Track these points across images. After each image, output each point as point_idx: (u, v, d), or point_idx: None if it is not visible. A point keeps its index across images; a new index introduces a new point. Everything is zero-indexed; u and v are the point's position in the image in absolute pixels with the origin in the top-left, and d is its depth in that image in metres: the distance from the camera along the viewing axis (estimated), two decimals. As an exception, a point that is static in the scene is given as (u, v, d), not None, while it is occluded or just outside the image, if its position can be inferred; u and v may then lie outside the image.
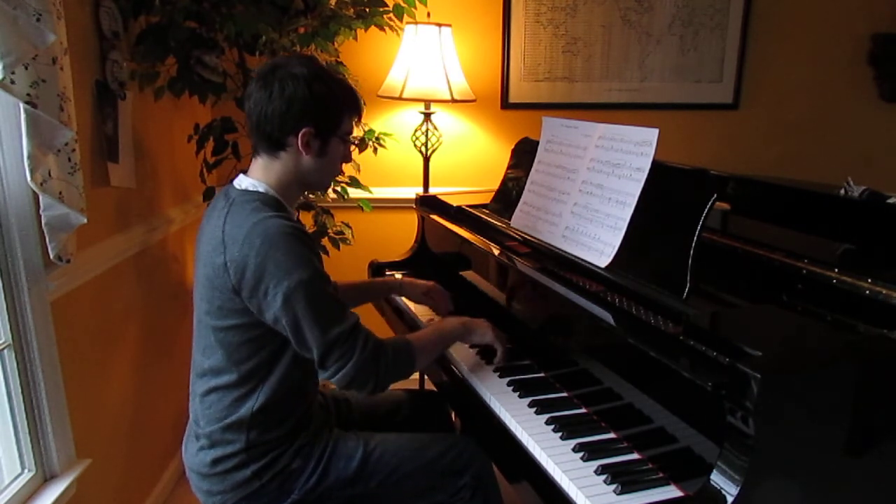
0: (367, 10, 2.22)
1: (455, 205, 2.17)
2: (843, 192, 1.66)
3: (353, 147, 1.54)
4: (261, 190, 1.39)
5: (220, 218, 1.36)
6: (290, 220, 1.34)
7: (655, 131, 1.46)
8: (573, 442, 1.28)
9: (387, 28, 2.32)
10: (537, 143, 1.87)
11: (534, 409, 1.40)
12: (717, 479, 1.01)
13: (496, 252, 1.79)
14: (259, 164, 1.42)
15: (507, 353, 1.59)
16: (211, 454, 1.41)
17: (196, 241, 1.48)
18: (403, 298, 2.04)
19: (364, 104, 2.25)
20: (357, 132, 2.36)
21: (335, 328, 1.31)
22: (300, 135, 1.36)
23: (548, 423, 1.35)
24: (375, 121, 2.80)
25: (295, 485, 1.41)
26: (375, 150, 2.45)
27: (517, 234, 1.80)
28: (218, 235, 1.34)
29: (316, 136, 1.38)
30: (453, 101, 2.55)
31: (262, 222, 1.30)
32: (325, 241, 2.41)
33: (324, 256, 2.37)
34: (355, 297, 1.87)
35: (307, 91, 1.33)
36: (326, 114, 1.38)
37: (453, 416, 1.94)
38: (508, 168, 2.08)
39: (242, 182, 1.42)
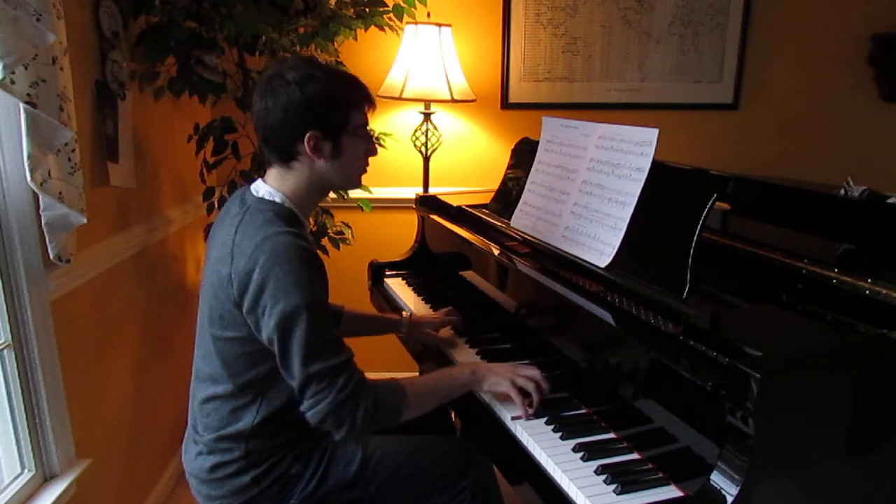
0: (367, 10, 2.23)
1: (455, 205, 2.17)
2: (843, 192, 1.66)
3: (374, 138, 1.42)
4: (277, 200, 1.35)
5: (233, 226, 1.32)
6: (302, 237, 1.30)
7: (655, 131, 1.46)
8: (573, 442, 1.28)
9: (387, 28, 2.33)
10: (537, 143, 1.87)
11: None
12: (717, 479, 1.01)
13: (496, 252, 1.79)
14: (274, 174, 1.38)
15: (538, 397, 1.39)
16: (210, 460, 1.40)
17: (207, 243, 1.46)
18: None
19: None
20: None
21: (319, 362, 1.25)
22: (306, 140, 1.31)
23: (547, 423, 1.35)
24: (375, 121, 2.80)
25: (294, 490, 1.40)
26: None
27: (517, 234, 1.80)
28: (228, 245, 1.31)
29: (324, 139, 1.33)
30: (453, 101, 2.55)
31: (272, 238, 1.26)
32: (325, 241, 2.41)
33: (323, 256, 2.39)
34: (361, 328, 1.82)
35: (301, 94, 1.28)
36: (328, 113, 1.32)
37: (453, 416, 1.94)
38: (508, 168, 2.08)
39: (260, 189, 1.38)
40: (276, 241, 1.26)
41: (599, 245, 1.51)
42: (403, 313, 1.89)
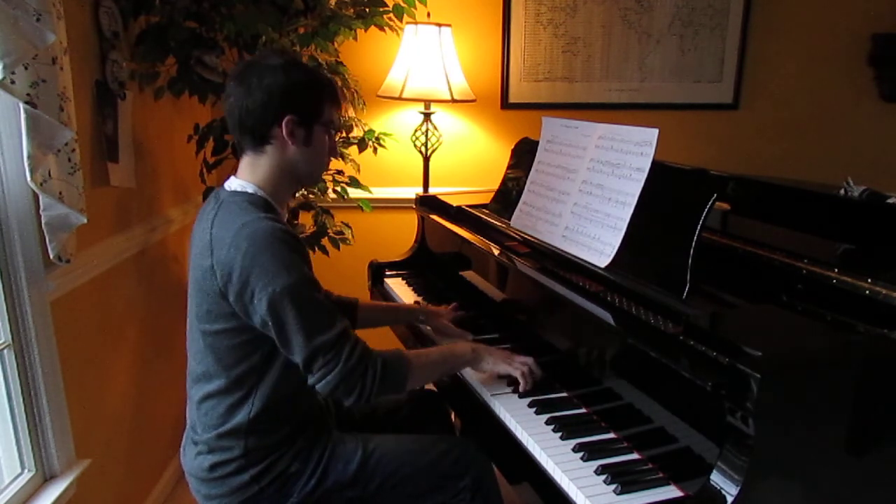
0: (367, 10, 2.22)
1: (455, 205, 2.17)
2: (843, 192, 1.66)
3: (339, 140, 1.51)
4: (249, 191, 1.38)
5: (209, 220, 1.35)
6: (279, 222, 1.32)
7: (655, 131, 1.46)
8: (573, 442, 1.28)
9: (387, 28, 2.32)
10: (537, 143, 1.87)
11: (533, 409, 1.40)
12: (717, 479, 1.01)
13: (496, 252, 1.79)
14: (246, 163, 1.41)
15: (530, 380, 1.48)
16: (209, 459, 1.40)
17: (190, 243, 1.47)
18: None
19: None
20: (357, 132, 2.36)
21: (320, 335, 1.29)
22: (283, 123, 1.34)
23: (548, 423, 1.35)
24: (375, 121, 2.80)
25: (293, 488, 1.41)
26: (375, 150, 2.45)
27: (517, 234, 1.80)
28: (206, 238, 1.32)
29: (300, 124, 1.36)
30: (453, 101, 2.55)
31: (249, 224, 1.28)
32: (325, 241, 2.41)
33: (324, 256, 2.39)
34: (378, 317, 1.86)
35: (285, 78, 1.33)
36: (307, 99, 1.37)
37: (453, 416, 1.94)
38: (508, 168, 2.08)
39: (232, 184, 1.41)
40: (254, 227, 1.28)
41: (599, 245, 1.52)
42: (416, 302, 1.92)
